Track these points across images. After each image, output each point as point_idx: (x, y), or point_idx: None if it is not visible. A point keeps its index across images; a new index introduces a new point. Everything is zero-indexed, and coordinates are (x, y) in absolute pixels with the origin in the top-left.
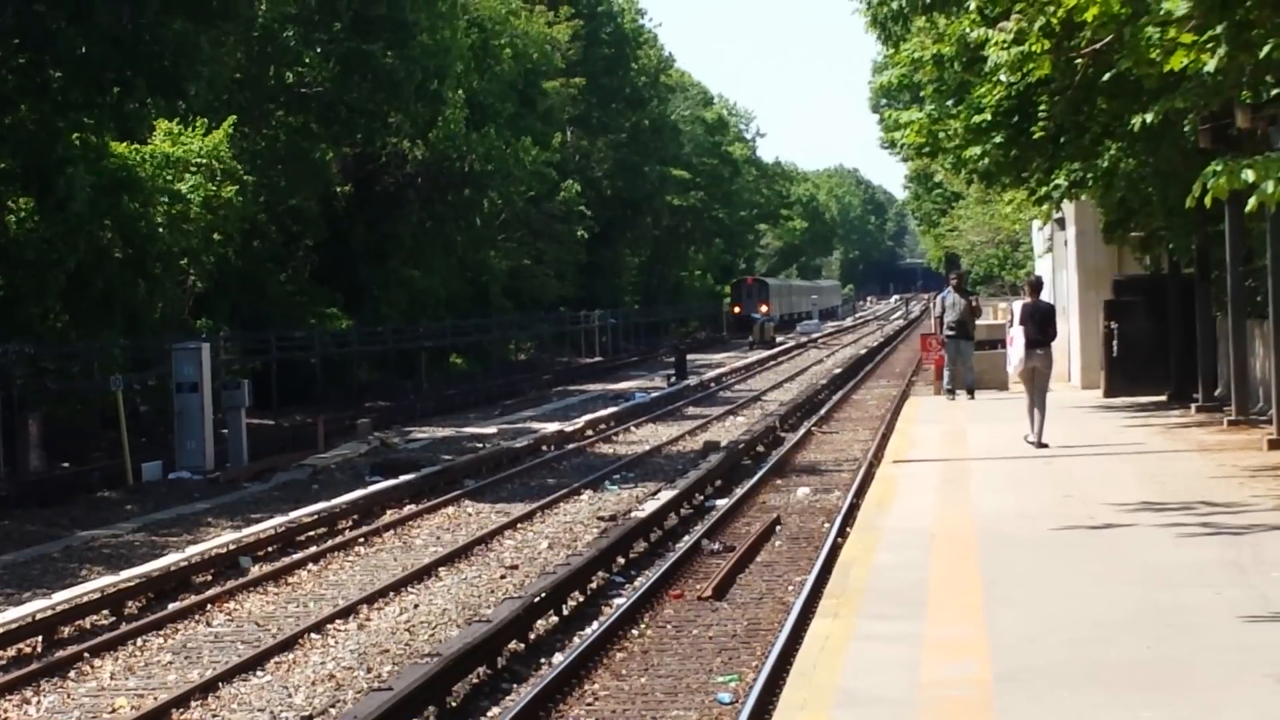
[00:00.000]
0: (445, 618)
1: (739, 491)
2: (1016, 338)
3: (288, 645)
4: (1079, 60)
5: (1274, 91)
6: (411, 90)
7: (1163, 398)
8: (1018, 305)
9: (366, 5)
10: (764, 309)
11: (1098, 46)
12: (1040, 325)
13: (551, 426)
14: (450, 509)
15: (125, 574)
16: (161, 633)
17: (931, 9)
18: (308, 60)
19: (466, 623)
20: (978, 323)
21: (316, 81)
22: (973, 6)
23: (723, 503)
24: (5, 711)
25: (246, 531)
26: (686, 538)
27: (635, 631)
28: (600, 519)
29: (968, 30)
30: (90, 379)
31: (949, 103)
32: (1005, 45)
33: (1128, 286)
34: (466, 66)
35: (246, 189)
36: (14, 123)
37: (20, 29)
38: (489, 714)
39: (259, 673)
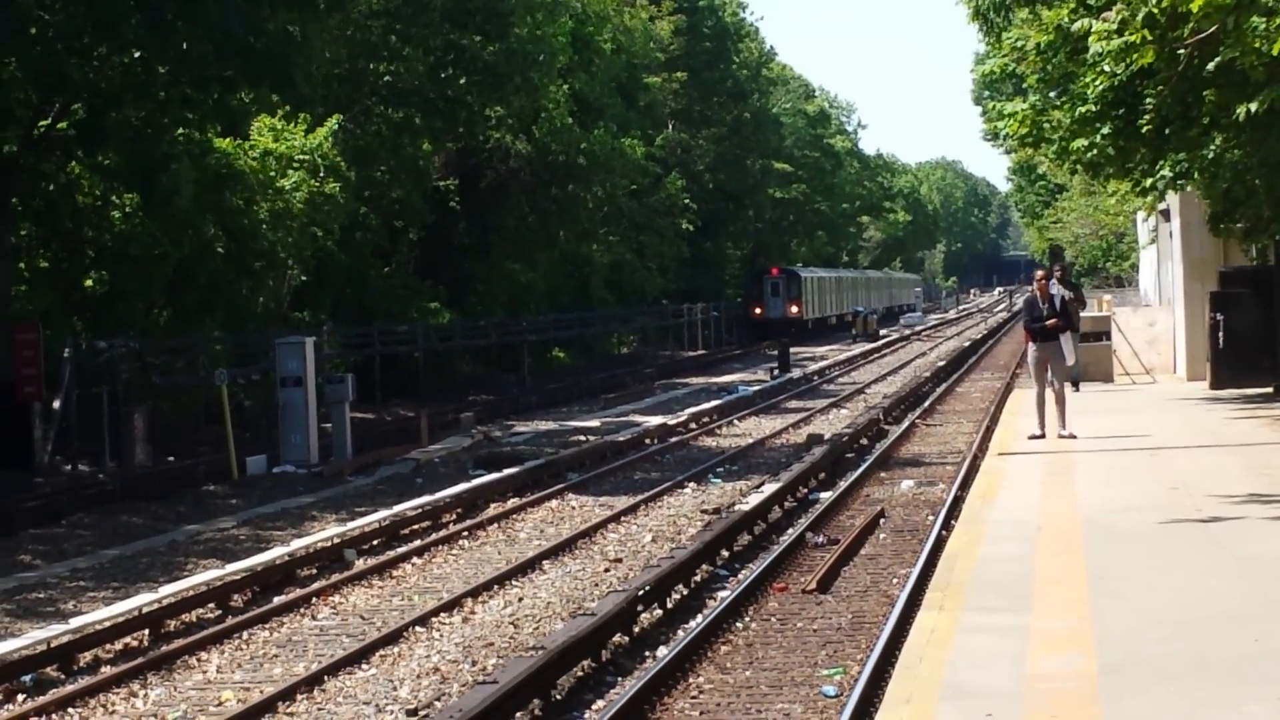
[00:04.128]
0: (549, 611)
1: (843, 484)
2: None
3: (392, 638)
4: (1183, 50)
5: None
6: (511, 83)
7: (1269, 389)
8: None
9: None
10: (794, 309)
11: (1202, 36)
12: None
13: (654, 420)
14: (554, 502)
15: (231, 567)
16: (267, 626)
17: (1034, 0)
18: (406, 53)
19: (570, 616)
20: (1081, 314)
21: (415, 75)
22: None
23: (826, 495)
24: (113, 704)
25: (351, 525)
26: (790, 531)
27: (739, 624)
28: (704, 512)
29: (1067, 20)
30: (194, 374)
31: (1052, 93)
32: (1108, 36)
33: (1233, 278)
34: (568, 59)
35: (349, 184)
36: (119, 120)
37: (129, 24)
38: (593, 707)
39: (364, 666)
